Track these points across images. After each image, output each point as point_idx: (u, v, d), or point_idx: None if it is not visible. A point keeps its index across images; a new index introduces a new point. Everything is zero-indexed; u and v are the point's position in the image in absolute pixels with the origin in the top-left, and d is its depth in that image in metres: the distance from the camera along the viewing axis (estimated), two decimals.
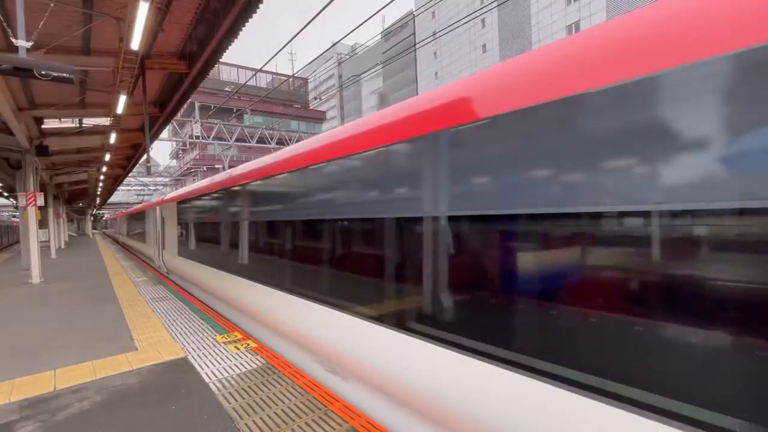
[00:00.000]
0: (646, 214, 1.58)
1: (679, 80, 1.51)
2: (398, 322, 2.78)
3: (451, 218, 2.41)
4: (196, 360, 4.28)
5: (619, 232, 1.69)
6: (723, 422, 1.38)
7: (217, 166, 32.01)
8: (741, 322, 1.38)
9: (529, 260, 2.03)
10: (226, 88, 42.90)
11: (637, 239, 1.62)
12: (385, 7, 7.26)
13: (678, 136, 1.52)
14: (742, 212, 1.37)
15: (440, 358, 2.41)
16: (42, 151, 11.06)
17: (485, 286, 2.25)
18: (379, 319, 2.93)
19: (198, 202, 7.99)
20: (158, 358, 4.37)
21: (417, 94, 38.45)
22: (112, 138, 11.51)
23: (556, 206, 1.86)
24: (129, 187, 45.90)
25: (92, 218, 59.74)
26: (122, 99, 8.28)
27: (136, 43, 6.09)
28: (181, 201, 9.31)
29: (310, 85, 60.81)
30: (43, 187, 15.19)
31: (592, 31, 1.92)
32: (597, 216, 1.75)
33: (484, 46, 40.07)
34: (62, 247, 25.35)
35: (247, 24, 6.76)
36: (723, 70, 1.40)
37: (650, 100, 1.58)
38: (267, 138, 25.82)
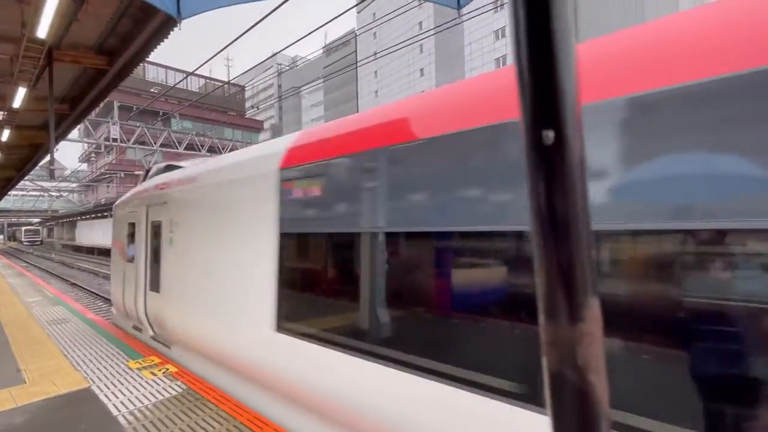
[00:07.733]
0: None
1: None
2: None
3: None
4: (102, 390, 3.78)
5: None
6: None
7: (137, 172, 29.15)
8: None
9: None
10: (152, 89, 39.60)
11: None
12: (327, 23, 7.35)
13: None
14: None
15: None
16: None
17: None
18: None
19: None
20: (53, 391, 3.77)
21: (357, 110, 39.04)
22: (5, 135, 9.96)
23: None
24: (24, 192, 39.82)
25: None
26: (21, 92, 7.26)
27: (42, 31, 5.40)
28: None
29: (247, 93, 58.57)
30: None
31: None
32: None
33: (421, 70, 42.23)
34: None
35: (178, 25, 6.36)
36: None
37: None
38: (197, 145, 24.19)
